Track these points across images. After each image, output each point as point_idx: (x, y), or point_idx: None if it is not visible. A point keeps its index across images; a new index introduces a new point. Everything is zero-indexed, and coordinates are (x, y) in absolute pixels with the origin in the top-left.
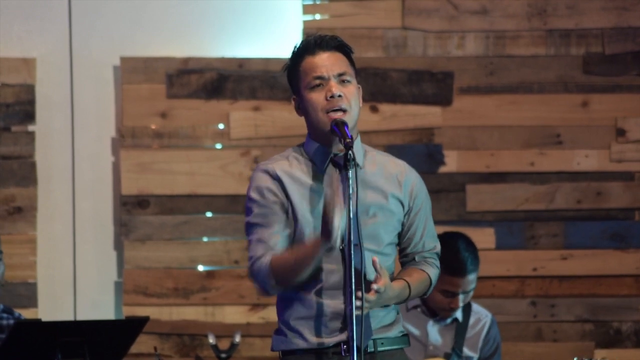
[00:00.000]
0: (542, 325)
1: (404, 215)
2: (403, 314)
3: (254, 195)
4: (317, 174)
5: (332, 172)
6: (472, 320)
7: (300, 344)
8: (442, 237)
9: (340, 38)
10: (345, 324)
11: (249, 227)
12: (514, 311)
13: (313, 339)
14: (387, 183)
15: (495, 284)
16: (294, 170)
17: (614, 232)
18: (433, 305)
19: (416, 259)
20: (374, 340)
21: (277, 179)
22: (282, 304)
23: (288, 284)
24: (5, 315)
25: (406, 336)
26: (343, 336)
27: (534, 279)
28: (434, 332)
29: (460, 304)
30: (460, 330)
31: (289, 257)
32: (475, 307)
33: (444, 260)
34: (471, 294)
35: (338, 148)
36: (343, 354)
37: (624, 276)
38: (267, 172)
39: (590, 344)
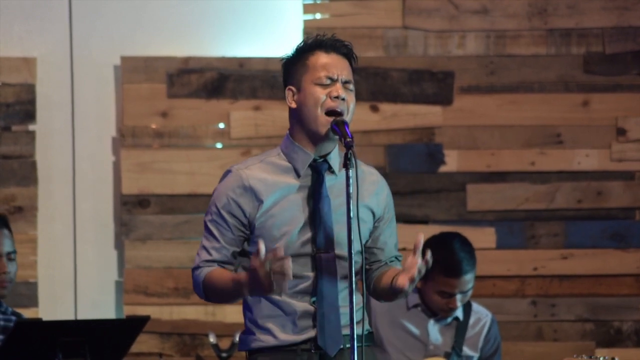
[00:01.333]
0: (542, 324)
1: (374, 224)
2: (403, 312)
3: (217, 201)
4: (295, 178)
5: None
6: (472, 319)
7: (270, 341)
8: (438, 238)
9: (351, 45)
10: (314, 322)
11: (205, 227)
12: (515, 311)
13: (282, 336)
14: (360, 191)
15: (495, 283)
16: (269, 176)
17: (614, 231)
18: (431, 305)
19: (387, 263)
20: (342, 337)
21: (248, 189)
22: (249, 304)
23: (218, 303)
24: (14, 317)
25: (372, 334)
26: (312, 333)
27: (535, 278)
28: (434, 332)
29: (459, 304)
30: (460, 329)
31: (219, 282)
32: (475, 306)
33: (440, 261)
34: (470, 293)
35: (320, 153)
36: (313, 351)
37: (625, 276)
38: (240, 179)
39: (591, 343)
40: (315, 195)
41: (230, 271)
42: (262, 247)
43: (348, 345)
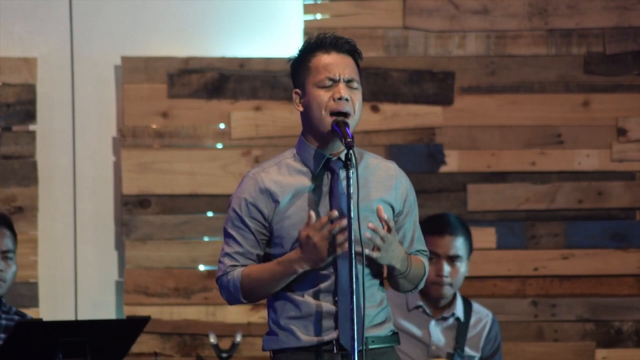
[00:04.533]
0: (543, 325)
1: (394, 218)
2: (405, 314)
3: (236, 205)
4: (310, 178)
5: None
6: (473, 320)
7: (292, 342)
8: (434, 214)
9: (353, 42)
10: (337, 323)
11: (225, 234)
12: (515, 311)
13: (305, 338)
14: (377, 187)
15: (496, 283)
16: (284, 178)
17: (614, 231)
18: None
19: None
20: (365, 338)
21: (265, 191)
22: (273, 305)
23: (256, 299)
24: (17, 317)
25: (396, 335)
26: (334, 334)
27: (535, 278)
28: (436, 332)
29: (446, 274)
30: (461, 330)
31: (262, 272)
32: (476, 306)
33: (428, 225)
34: (461, 270)
35: (332, 151)
36: (335, 351)
37: (625, 276)
38: (256, 183)
39: (591, 343)
40: (331, 193)
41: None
42: (313, 214)
43: (372, 346)
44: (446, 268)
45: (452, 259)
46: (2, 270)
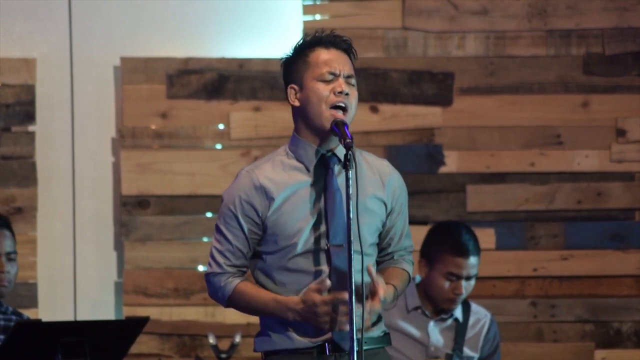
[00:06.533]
0: (542, 325)
1: (386, 216)
2: (403, 315)
3: (230, 203)
4: (305, 174)
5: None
6: (471, 320)
7: (285, 343)
8: (443, 224)
9: (350, 41)
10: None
11: (217, 230)
12: (514, 311)
13: (298, 339)
14: (371, 184)
15: (495, 284)
16: (278, 175)
17: (614, 232)
18: (436, 294)
19: (395, 257)
20: (357, 339)
21: (259, 188)
22: None
23: (242, 312)
24: (14, 317)
25: (388, 335)
26: (327, 336)
27: (534, 279)
28: (435, 333)
29: (463, 292)
30: (460, 330)
31: (256, 299)
32: (474, 307)
33: (447, 243)
34: (472, 283)
35: (327, 147)
36: (328, 354)
37: (624, 276)
38: (251, 180)
39: (591, 344)
40: (326, 189)
41: (254, 284)
42: (328, 282)
43: (365, 347)
44: (464, 285)
45: (470, 278)
46: (8, 272)
